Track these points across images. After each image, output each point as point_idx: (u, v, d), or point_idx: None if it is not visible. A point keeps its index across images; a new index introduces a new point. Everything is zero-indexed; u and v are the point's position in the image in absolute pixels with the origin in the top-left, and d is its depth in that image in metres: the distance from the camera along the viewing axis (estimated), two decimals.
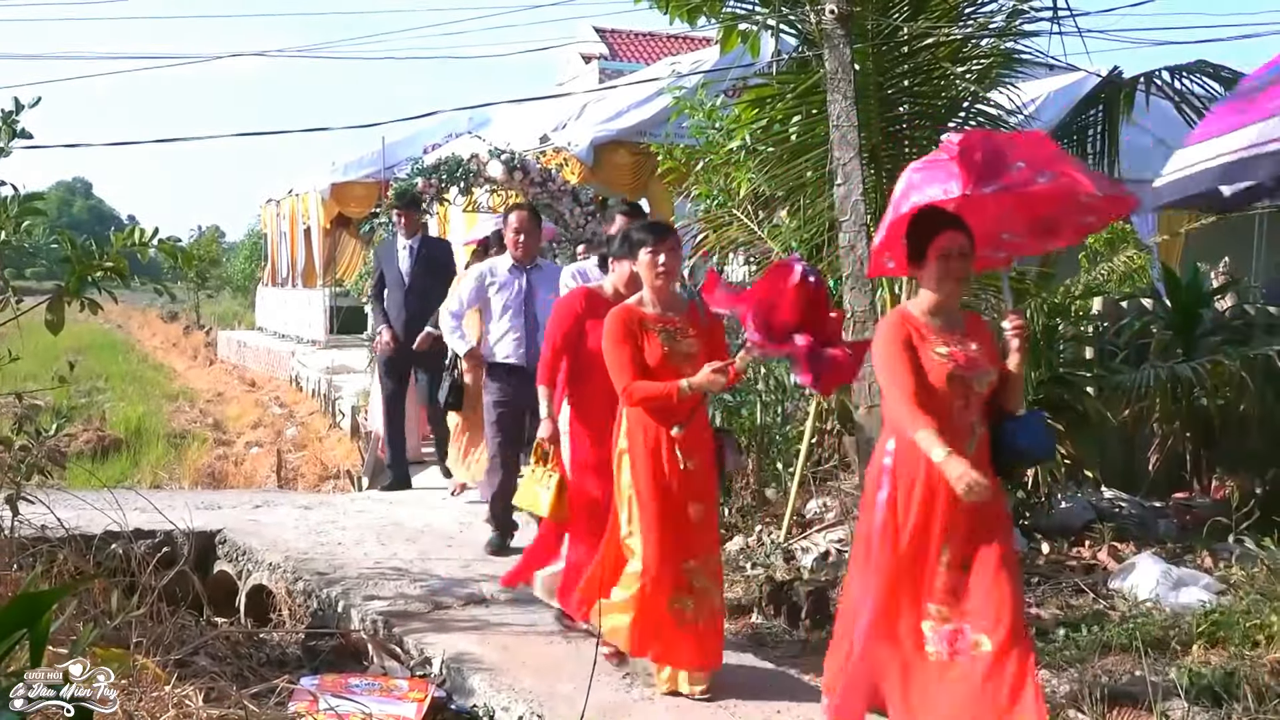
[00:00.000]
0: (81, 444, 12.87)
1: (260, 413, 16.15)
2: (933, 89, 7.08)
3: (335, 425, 13.15)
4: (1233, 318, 8.41)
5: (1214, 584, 5.91)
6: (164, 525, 6.06)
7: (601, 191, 13.51)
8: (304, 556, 6.49)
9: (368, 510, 8.02)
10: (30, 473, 4.87)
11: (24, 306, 4.42)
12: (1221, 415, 7.06)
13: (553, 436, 5.27)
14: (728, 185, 7.76)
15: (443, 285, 8.03)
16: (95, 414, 15.06)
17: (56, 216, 71.86)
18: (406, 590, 5.91)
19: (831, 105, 6.07)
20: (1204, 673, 4.64)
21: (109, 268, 4.00)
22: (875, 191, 6.70)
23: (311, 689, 4.46)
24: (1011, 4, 6.93)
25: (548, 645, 5.16)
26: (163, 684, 3.82)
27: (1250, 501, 6.57)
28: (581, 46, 28.27)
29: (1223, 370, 6.81)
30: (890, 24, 6.64)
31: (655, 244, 4.67)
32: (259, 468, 12.21)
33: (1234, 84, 6.71)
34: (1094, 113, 7.25)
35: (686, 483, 4.60)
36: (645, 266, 4.68)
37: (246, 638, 5.51)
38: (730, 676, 4.78)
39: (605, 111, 13.78)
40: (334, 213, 19.65)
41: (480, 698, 4.60)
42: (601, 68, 22.96)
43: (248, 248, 40.97)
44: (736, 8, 7.01)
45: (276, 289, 24.75)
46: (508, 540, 6.79)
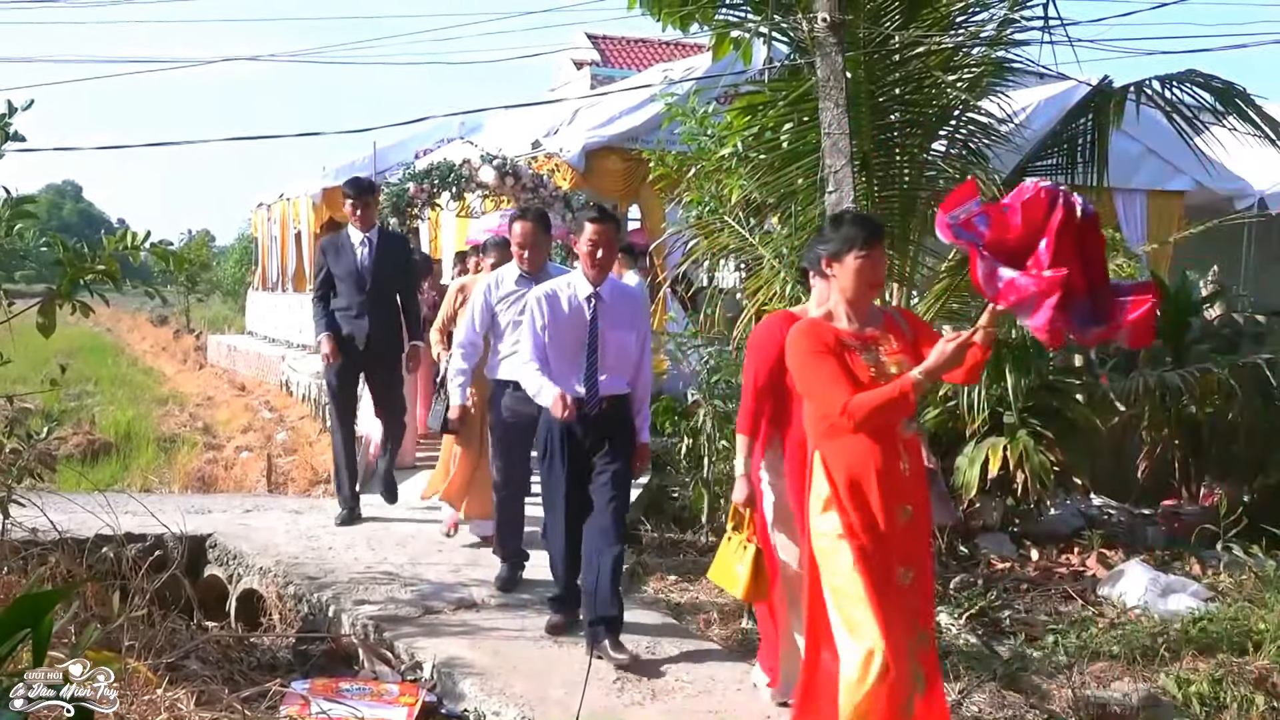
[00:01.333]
0: (71, 447, 12.81)
1: (250, 417, 16.10)
2: (924, 97, 7.11)
3: (325, 430, 13.10)
4: (1221, 326, 8.46)
5: (1202, 591, 5.95)
6: (155, 529, 6.05)
7: (593, 197, 13.53)
8: (295, 561, 6.49)
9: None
10: (21, 476, 4.87)
11: (15, 309, 4.42)
12: (1210, 423, 7.10)
13: (749, 499, 4.48)
14: (719, 192, 7.77)
15: (403, 284, 7.58)
16: (85, 417, 15.01)
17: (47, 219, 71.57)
18: (397, 595, 5.91)
19: (823, 113, 6.10)
20: (1192, 680, 4.66)
21: (100, 271, 4.01)
22: (866, 199, 6.73)
23: (302, 693, 4.46)
24: (1003, 13, 6.96)
25: (539, 650, 5.16)
26: (154, 688, 3.82)
27: (1238, 509, 6.61)
28: (574, 52, 28.33)
29: (1212, 378, 6.85)
30: (882, 32, 6.66)
31: (866, 243, 3.77)
32: (249, 472, 12.16)
33: (1224, 94, 6.75)
34: (1084, 121, 7.27)
35: (904, 538, 3.71)
36: (852, 272, 3.78)
37: (237, 642, 5.50)
38: (720, 682, 4.79)
39: (597, 117, 13.79)
40: (325, 217, 19.62)
41: (471, 702, 4.60)
42: (594, 74, 22.96)
43: (238, 252, 40.92)
44: (729, 15, 7.05)
45: (267, 293, 24.69)
46: (518, 573, 6.21)
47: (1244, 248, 13.91)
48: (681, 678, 4.85)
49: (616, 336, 5.15)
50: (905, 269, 7.17)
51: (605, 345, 5.13)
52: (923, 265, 7.38)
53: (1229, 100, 6.76)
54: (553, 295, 5.18)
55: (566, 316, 5.14)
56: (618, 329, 5.17)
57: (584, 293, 5.15)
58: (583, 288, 5.15)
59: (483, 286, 6.17)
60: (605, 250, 5.10)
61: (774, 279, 7.10)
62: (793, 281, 6.83)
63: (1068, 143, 7.30)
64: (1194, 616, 5.49)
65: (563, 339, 5.13)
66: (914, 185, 7.18)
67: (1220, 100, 6.78)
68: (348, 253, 7.41)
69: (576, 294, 5.16)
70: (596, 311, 5.13)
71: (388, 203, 10.27)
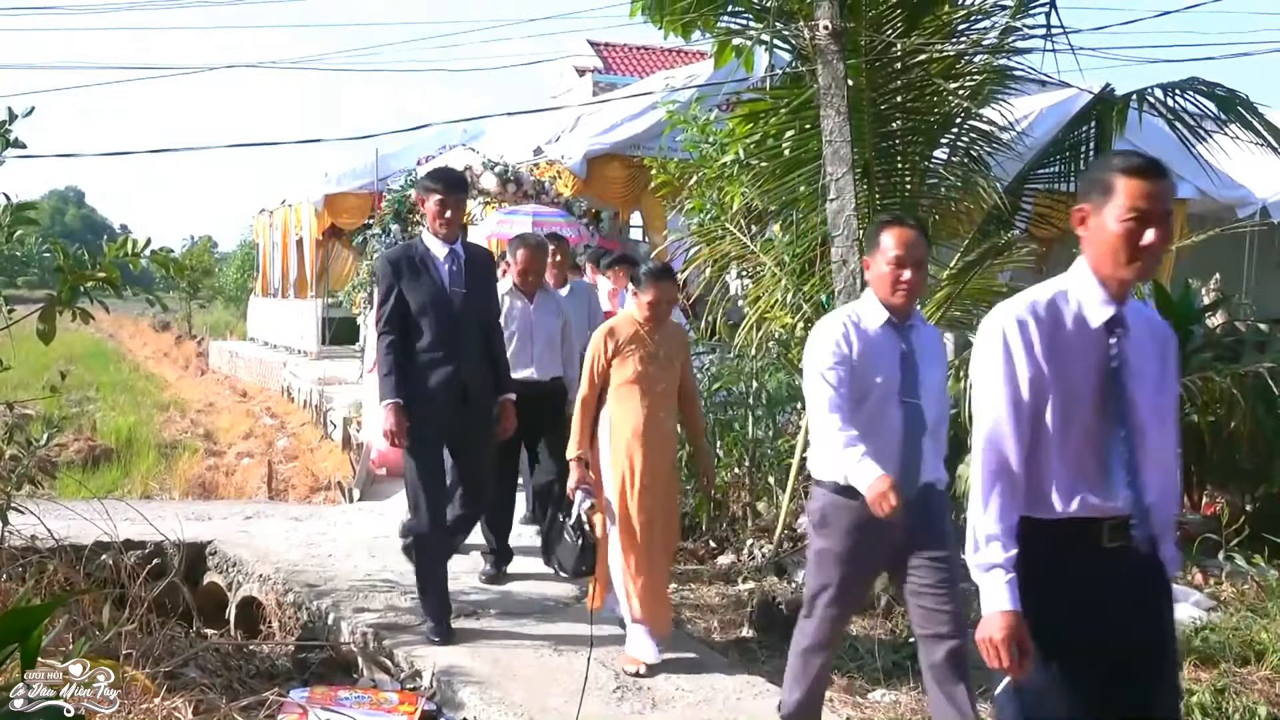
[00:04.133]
0: (72, 454, 12.81)
1: (251, 423, 16.09)
2: (926, 105, 7.11)
3: (327, 437, 13.11)
4: (1224, 334, 8.43)
5: (1204, 600, 5.93)
6: (154, 536, 6.05)
7: (595, 204, 13.56)
8: (294, 568, 6.48)
9: (358, 522, 8.00)
10: (20, 483, 4.86)
11: (15, 315, 4.41)
12: (1212, 432, 7.06)
13: None
14: (721, 199, 7.77)
15: (494, 315, 5.73)
16: (86, 424, 15.01)
17: (49, 225, 71.77)
18: (397, 603, 5.89)
19: (824, 120, 6.10)
20: (1194, 690, 4.65)
21: (101, 277, 4.00)
22: (868, 206, 6.72)
23: (301, 701, 4.45)
24: (1005, 21, 6.96)
25: (538, 658, 5.15)
26: (152, 696, 3.81)
27: (1240, 518, 6.59)
28: (576, 60, 28.33)
29: (1214, 387, 6.82)
30: (883, 40, 6.66)
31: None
32: (250, 479, 12.16)
33: (1226, 101, 6.74)
34: (1086, 129, 7.27)
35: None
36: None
37: (236, 650, 5.50)
38: (720, 691, 4.78)
39: (599, 125, 13.82)
40: (326, 223, 19.64)
41: (470, 711, 4.58)
42: (595, 81, 22.96)
43: (240, 258, 40.99)
44: (731, 23, 7.05)
45: (269, 299, 24.70)
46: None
47: (1246, 256, 13.91)
48: (682, 686, 4.84)
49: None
50: None
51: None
52: None
53: (1231, 108, 6.75)
54: None
55: None
56: None
57: None
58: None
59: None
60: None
61: (775, 286, 7.10)
62: (793, 289, 6.83)
63: (1070, 150, 7.29)
64: (1196, 626, 5.48)
65: None
66: (916, 193, 7.17)
67: (1222, 108, 6.77)
68: (430, 271, 5.32)
69: None
70: None
71: (389, 209, 10.28)
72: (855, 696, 4.87)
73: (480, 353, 5.43)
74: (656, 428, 5.11)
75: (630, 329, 5.18)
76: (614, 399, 5.16)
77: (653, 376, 5.14)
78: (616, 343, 5.14)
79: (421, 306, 5.25)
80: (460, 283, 5.32)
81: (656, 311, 5.12)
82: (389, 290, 5.30)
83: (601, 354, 5.15)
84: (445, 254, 5.33)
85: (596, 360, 5.16)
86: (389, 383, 5.22)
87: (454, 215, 5.35)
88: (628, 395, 5.11)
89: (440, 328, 5.26)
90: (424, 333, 5.26)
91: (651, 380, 5.13)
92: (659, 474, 5.12)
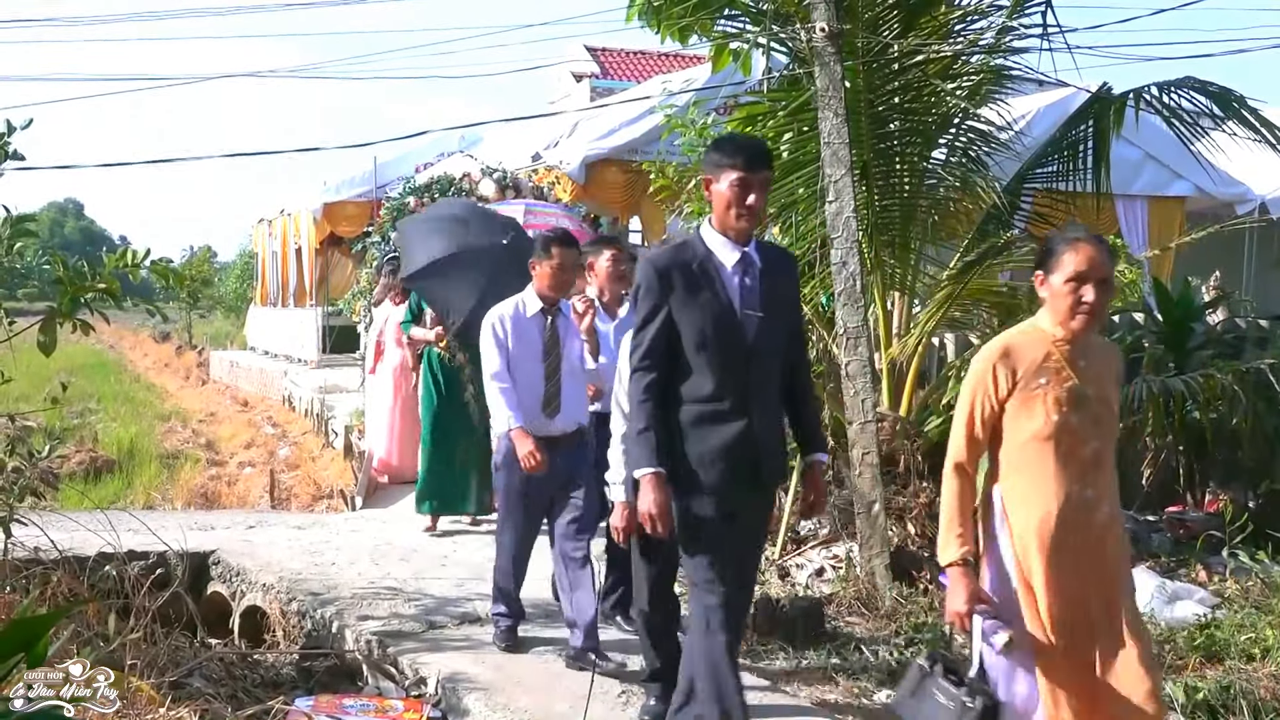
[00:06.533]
0: (74, 465, 12.80)
1: (253, 433, 16.08)
2: (923, 105, 7.12)
3: (328, 445, 13.10)
4: (1224, 331, 8.45)
5: (1209, 598, 5.92)
6: (157, 546, 6.04)
7: (594, 209, 13.57)
8: (298, 577, 6.47)
9: (361, 530, 8.00)
10: (23, 495, 4.86)
11: (16, 327, 4.42)
12: (1214, 429, 7.07)
13: None
14: None
15: (797, 344, 4.08)
16: (88, 435, 15.00)
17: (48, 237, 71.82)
18: (401, 610, 5.89)
19: (822, 122, 6.10)
20: (1200, 687, 4.64)
21: (101, 289, 4.01)
22: (866, 208, 6.73)
23: (306, 710, 4.45)
24: (1001, 21, 6.98)
25: (543, 664, 5.14)
26: (157, 706, 3.81)
27: (1243, 515, 6.58)
28: (573, 65, 28.37)
29: (1215, 384, 6.83)
30: (880, 41, 6.67)
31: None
32: (252, 488, 12.15)
33: (1223, 99, 6.75)
34: (1084, 128, 7.28)
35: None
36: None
37: (241, 659, 5.48)
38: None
39: (597, 130, 13.83)
40: (326, 232, 19.64)
41: (476, 717, 4.58)
42: (593, 86, 23.02)
43: (240, 267, 41.00)
44: (728, 26, 7.07)
45: (268, 309, 24.69)
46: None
47: (1245, 252, 13.91)
48: None
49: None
50: (906, 277, 7.17)
51: None
52: (924, 273, 7.38)
53: (1228, 105, 6.76)
54: None
55: None
56: None
57: None
58: None
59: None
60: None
61: None
62: None
63: (1068, 149, 7.30)
64: (1201, 623, 5.47)
65: None
66: (914, 193, 7.18)
67: (1219, 105, 6.78)
68: (715, 285, 3.74)
69: None
70: None
71: (388, 217, 10.28)
72: (861, 700, 4.87)
73: (777, 405, 3.91)
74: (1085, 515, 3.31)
75: (1041, 349, 3.36)
76: (1010, 467, 3.37)
77: (1077, 429, 3.30)
78: (1016, 371, 3.33)
79: (700, 337, 3.69)
80: (756, 303, 3.73)
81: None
82: (654, 311, 3.72)
83: (991, 388, 3.34)
84: (735, 261, 3.73)
85: (982, 398, 3.36)
86: (645, 442, 3.69)
87: (757, 201, 3.72)
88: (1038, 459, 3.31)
89: (725, 369, 3.70)
90: (700, 374, 3.71)
91: (1076, 436, 3.31)
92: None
